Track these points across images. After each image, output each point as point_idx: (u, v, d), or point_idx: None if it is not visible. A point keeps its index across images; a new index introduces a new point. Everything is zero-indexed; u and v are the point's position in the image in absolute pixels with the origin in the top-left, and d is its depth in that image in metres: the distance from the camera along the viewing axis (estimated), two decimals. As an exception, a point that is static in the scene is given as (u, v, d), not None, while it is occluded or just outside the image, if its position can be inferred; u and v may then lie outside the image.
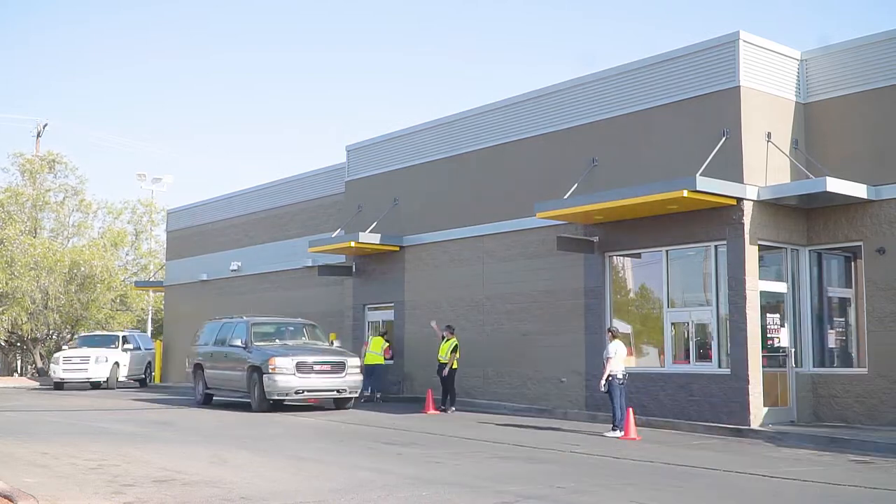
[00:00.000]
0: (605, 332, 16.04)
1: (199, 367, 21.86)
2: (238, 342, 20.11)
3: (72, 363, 29.34)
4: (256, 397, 19.01)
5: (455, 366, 19.51)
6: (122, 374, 31.08)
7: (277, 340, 20.32)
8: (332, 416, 18.60)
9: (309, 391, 19.07)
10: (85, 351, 30.05)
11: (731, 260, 16.01)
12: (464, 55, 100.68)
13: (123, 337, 32.26)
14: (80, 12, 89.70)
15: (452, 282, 21.75)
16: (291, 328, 21.40)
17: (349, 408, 19.84)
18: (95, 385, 29.76)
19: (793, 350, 16.66)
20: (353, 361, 19.65)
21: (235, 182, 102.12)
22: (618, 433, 14.86)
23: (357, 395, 19.89)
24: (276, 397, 18.81)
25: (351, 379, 19.47)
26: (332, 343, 21.94)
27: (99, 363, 29.62)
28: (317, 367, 19.10)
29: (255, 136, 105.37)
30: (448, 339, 19.59)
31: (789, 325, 16.82)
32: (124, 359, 31.12)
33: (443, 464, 11.05)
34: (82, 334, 35.94)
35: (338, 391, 19.28)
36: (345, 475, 10.02)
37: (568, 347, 18.64)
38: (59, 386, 29.57)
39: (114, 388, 29.64)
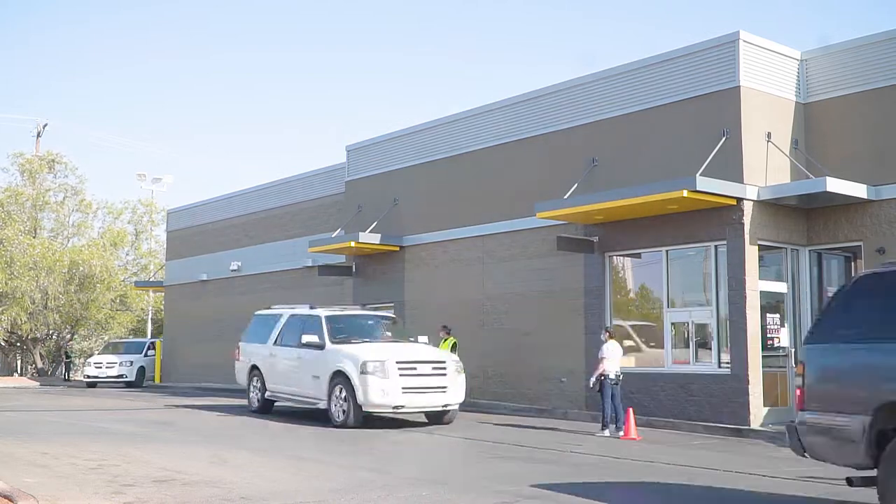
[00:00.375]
0: (602, 332, 16.08)
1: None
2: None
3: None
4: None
5: None
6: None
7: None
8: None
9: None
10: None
11: (731, 260, 16.01)
12: (464, 55, 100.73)
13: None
14: (80, 12, 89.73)
15: (452, 282, 21.75)
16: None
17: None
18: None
19: (793, 350, 16.66)
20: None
21: (235, 182, 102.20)
22: (606, 432, 14.93)
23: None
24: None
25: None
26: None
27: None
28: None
29: (255, 136, 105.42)
30: (447, 339, 19.57)
31: (789, 325, 16.82)
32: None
33: (443, 463, 11.05)
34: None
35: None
36: (345, 475, 10.02)
37: (568, 347, 18.64)
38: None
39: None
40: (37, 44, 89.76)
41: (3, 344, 42.30)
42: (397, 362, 15.31)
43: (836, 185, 15.30)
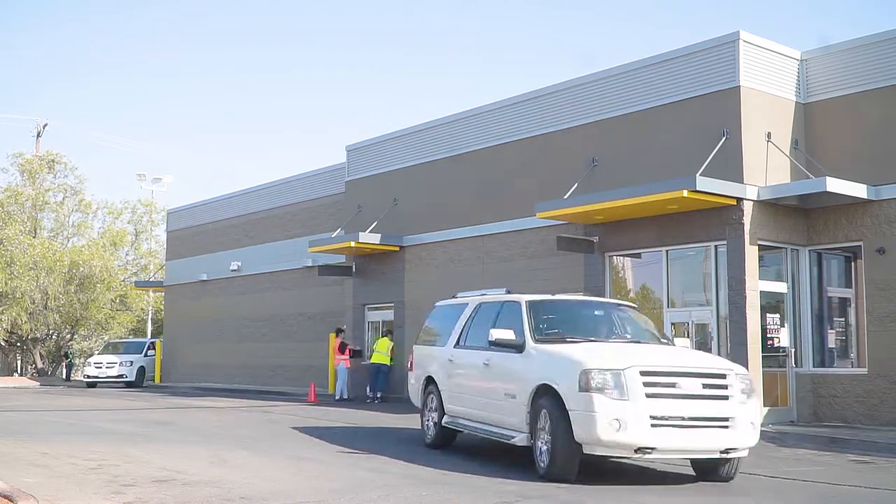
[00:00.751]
0: None
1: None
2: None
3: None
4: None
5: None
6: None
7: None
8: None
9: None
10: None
11: (731, 260, 16.01)
12: (464, 55, 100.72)
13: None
14: (80, 12, 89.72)
15: (452, 282, 21.71)
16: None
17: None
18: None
19: (793, 350, 16.66)
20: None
21: (235, 182, 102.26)
22: None
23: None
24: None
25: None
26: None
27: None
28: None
29: (255, 136, 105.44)
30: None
31: (789, 325, 16.81)
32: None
33: (443, 464, 11.04)
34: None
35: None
36: (345, 475, 10.01)
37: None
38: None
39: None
40: (37, 44, 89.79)
41: (3, 344, 42.29)
42: (643, 373, 9.10)
43: (835, 185, 15.30)
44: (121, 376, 33.01)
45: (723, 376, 9.49)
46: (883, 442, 13.36)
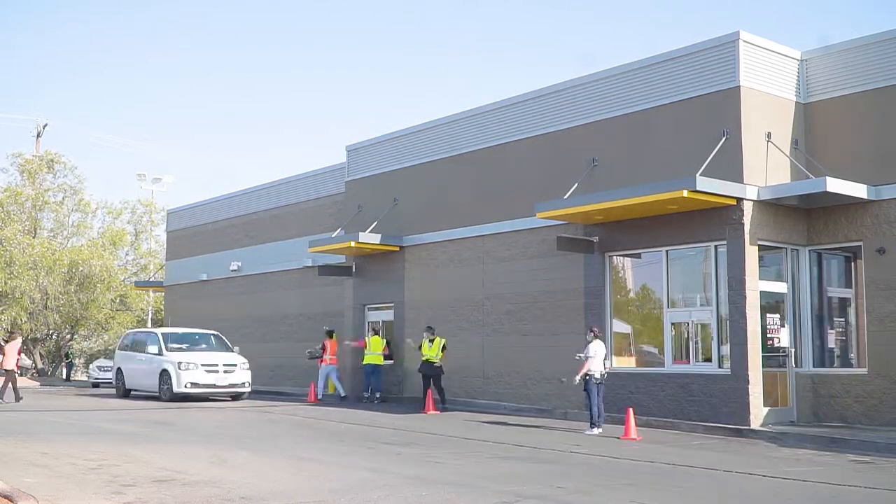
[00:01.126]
0: (588, 332, 16.26)
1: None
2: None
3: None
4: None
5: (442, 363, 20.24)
6: None
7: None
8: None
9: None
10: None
11: (731, 260, 16.01)
12: (464, 55, 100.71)
13: None
14: (80, 12, 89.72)
15: (452, 282, 21.74)
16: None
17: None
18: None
19: (793, 350, 16.66)
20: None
21: (235, 182, 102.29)
22: (595, 430, 15.15)
23: None
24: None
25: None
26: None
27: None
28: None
29: (255, 136, 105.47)
30: (435, 339, 20.05)
31: (789, 325, 16.82)
32: None
33: (443, 464, 11.05)
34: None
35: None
36: (345, 475, 10.02)
37: (568, 347, 18.62)
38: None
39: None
40: (37, 44, 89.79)
41: (2, 344, 42.27)
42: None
43: (835, 185, 15.30)
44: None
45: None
46: (883, 442, 13.36)
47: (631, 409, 14.97)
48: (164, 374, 22.63)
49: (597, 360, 15.52)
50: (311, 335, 27.87)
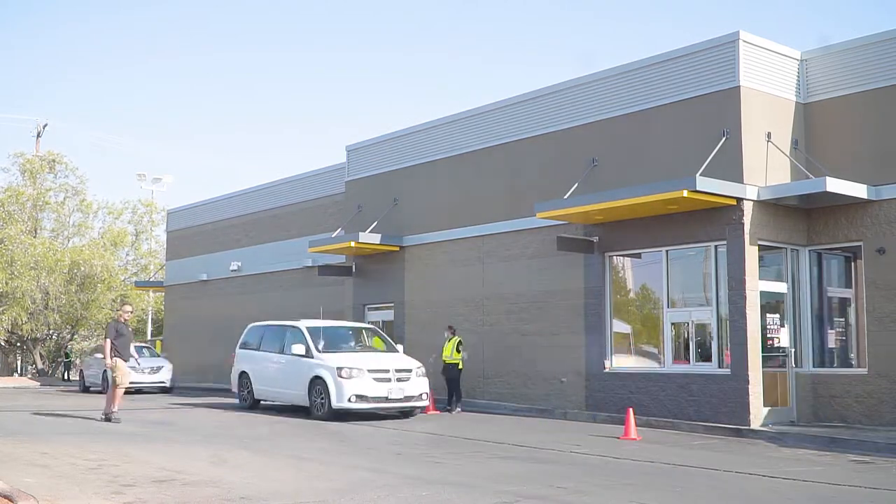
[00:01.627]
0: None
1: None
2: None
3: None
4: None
5: (461, 365, 19.59)
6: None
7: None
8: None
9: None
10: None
11: (731, 260, 16.01)
12: (464, 55, 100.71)
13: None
14: (80, 12, 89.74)
15: (452, 282, 21.75)
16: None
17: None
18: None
19: (793, 350, 16.66)
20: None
21: (235, 182, 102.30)
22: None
23: None
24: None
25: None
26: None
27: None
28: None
29: (255, 136, 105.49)
30: (452, 339, 19.67)
31: (789, 325, 16.81)
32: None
33: (443, 464, 11.05)
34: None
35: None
36: (345, 475, 10.02)
37: (568, 347, 18.64)
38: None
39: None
40: (37, 44, 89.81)
41: (3, 344, 42.30)
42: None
43: (835, 185, 15.30)
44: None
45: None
46: (883, 442, 13.36)
47: (631, 410, 14.96)
48: (318, 382, 17.40)
49: None
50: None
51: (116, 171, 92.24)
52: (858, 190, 15.68)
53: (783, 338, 16.62)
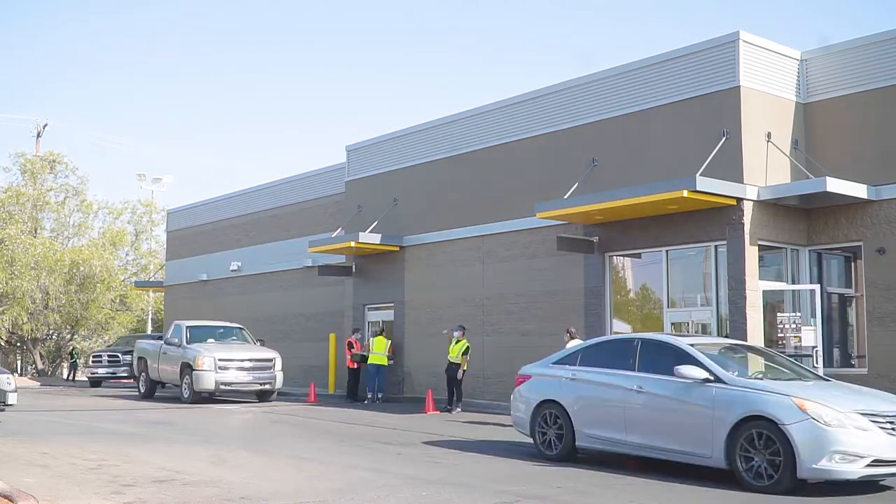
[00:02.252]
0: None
1: None
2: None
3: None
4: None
5: (465, 367, 19.58)
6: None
7: None
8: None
9: None
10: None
11: (731, 260, 16.01)
12: (464, 55, 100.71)
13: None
14: (80, 12, 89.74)
15: (452, 282, 21.74)
16: None
17: None
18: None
19: (816, 349, 16.57)
20: None
21: (235, 182, 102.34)
22: None
23: None
24: None
25: None
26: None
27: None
28: None
29: (255, 136, 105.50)
30: (460, 341, 19.67)
31: (814, 323, 16.70)
32: None
33: (442, 464, 11.04)
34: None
35: None
36: (345, 475, 10.02)
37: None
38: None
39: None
40: (37, 44, 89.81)
41: (3, 344, 42.29)
42: None
43: (835, 185, 15.30)
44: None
45: None
46: (883, 442, 13.29)
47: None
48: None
49: None
50: (311, 335, 27.89)
51: (116, 171, 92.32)
52: (858, 190, 15.67)
53: (806, 338, 15.85)
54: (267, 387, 22.07)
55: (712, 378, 10.06)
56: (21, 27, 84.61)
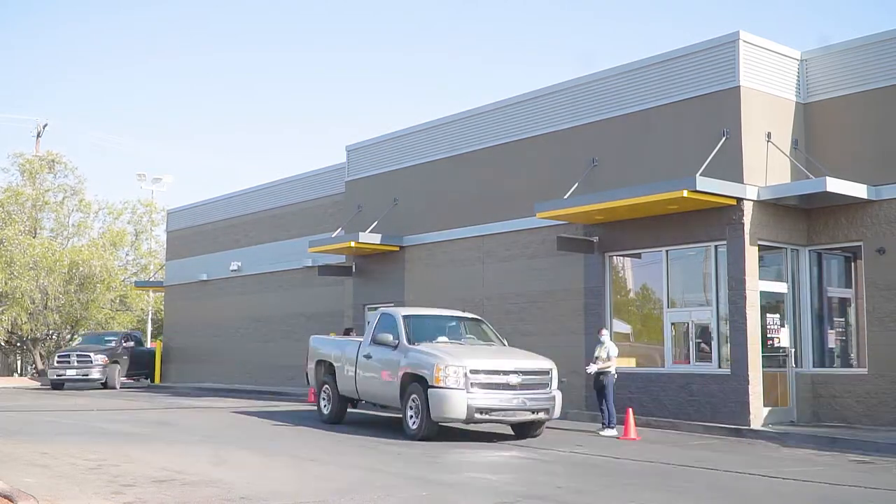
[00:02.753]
0: (600, 331, 16.18)
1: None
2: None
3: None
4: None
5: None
6: None
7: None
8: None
9: None
10: None
11: (731, 260, 16.01)
12: (464, 55, 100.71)
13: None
14: (81, 12, 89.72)
15: (452, 282, 21.74)
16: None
17: None
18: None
19: (793, 350, 16.66)
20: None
21: (235, 182, 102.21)
22: (614, 431, 14.97)
23: None
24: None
25: None
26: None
27: None
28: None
29: (255, 136, 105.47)
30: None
31: (789, 325, 16.81)
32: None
33: (443, 464, 11.05)
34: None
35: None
36: (345, 475, 10.02)
37: (568, 347, 18.61)
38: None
39: None
40: (37, 44, 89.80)
41: (3, 344, 42.28)
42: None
43: (835, 186, 15.30)
44: None
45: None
46: (883, 442, 13.36)
47: (631, 409, 14.96)
48: None
49: (616, 359, 15.69)
50: (312, 335, 27.86)
51: (116, 171, 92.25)
52: (858, 190, 15.67)
53: (783, 338, 16.60)
54: (541, 415, 14.05)
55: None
56: (21, 27, 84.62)
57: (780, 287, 16.78)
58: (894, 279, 15.63)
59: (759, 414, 15.56)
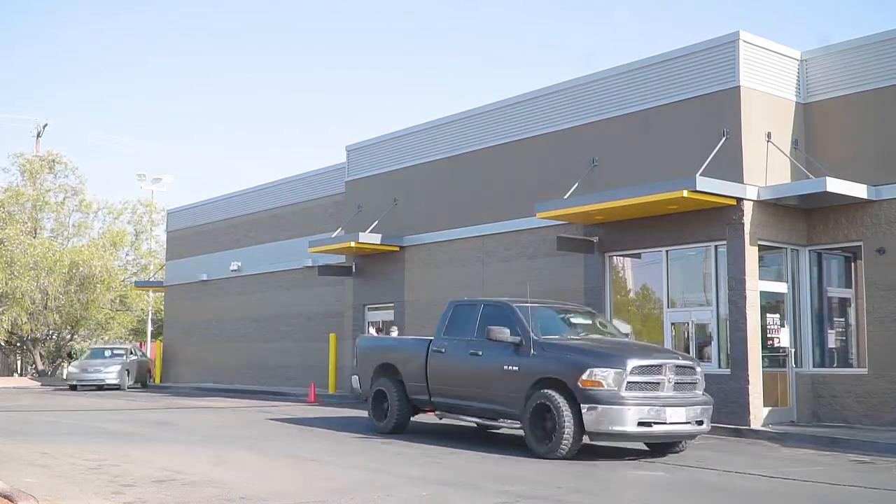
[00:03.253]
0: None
1: None
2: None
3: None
4: None
5: None
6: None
7: None
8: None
9: None
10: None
11: (731, 260, 16.01)
12: (464, 55, 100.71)
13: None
14: (81, 12, 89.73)
15: (452, 282, 21.74)
16: None
17: None
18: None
19: (793, 350, 16.66)
20: None
21: (235, 182, 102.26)
22: None
23: None
24: None
25: None
26: None
27: None
28: None
29: (255, 136, 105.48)
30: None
31: (789, 325, 16.81)
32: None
33: (443, 464, 11.04)
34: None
35: None
36: (345, 475, 10.01)
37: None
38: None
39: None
40: (37, 44, 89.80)
41: (3, 344, 42.28)
42: None
43: (835, 186, 15.30)
44: None
45: None
46: (883, 442, 13.35)
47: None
48: None
49: None
50: (311, 335, 27.90)
51: (116, 171, 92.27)
52: (858, 190, 15.68)
53: (783, 338, 16.60)
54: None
55: None
56: (21, 27, 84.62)
57: (780, 287, 16.79)
58: (894, 279, 15.63)
59: (759, 414, 15.56)
